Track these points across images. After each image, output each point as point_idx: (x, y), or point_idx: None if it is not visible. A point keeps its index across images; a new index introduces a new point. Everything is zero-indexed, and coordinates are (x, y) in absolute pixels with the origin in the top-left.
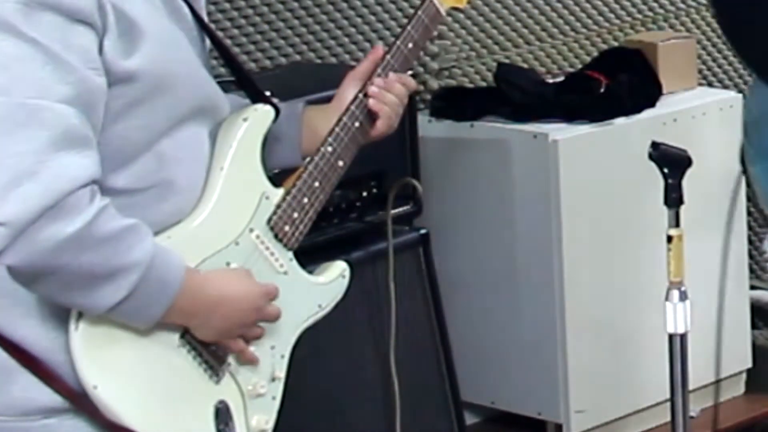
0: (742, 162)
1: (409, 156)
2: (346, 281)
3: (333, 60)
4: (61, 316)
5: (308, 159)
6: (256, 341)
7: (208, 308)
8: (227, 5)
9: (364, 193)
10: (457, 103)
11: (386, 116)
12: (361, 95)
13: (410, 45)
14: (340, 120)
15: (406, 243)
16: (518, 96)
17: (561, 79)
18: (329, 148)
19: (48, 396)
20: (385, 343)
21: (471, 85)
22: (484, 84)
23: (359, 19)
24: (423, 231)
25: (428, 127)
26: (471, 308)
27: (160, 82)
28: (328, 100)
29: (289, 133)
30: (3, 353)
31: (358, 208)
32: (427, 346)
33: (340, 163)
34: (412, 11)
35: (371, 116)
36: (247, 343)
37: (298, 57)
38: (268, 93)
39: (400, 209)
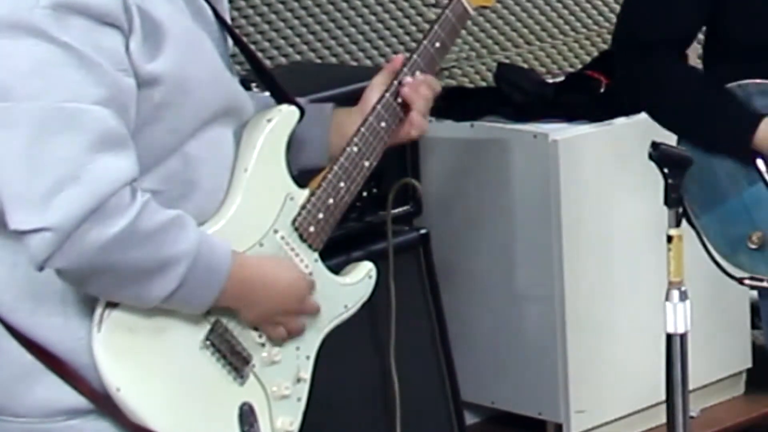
0: (687, 217)
1: (409, 156)
2: (372, 281)
3: (333, 60)
4: (84, 318)
5: (333, 159)
6: (281, 342)
7: (257, 290)
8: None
9: (364, 193)
10: (457, 103)
11: (419, 111)
12: (387, 95)
13: (437, 44)
14: (366, 120)
15: (406, 243)
16: (518, 96)
17: (561, 79)
18: (354, 148)
19: (72, 397)
20: (385, 343)
21: (471, 85)
22: (484, 84)
23: (359, 19)
24: (423, 231)
25: (428, 127)
26: (471, 308)
27: (185, 85)
28: (328, 100)
29: (317, 134)
30: (27, 355)
31: (357, 208)
32: (427, 346)
33: (366, 163)
34: (412, 11)
35: (398, 116)
36: (289, 336)
37: (298, 57)
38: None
39: (400, 209)
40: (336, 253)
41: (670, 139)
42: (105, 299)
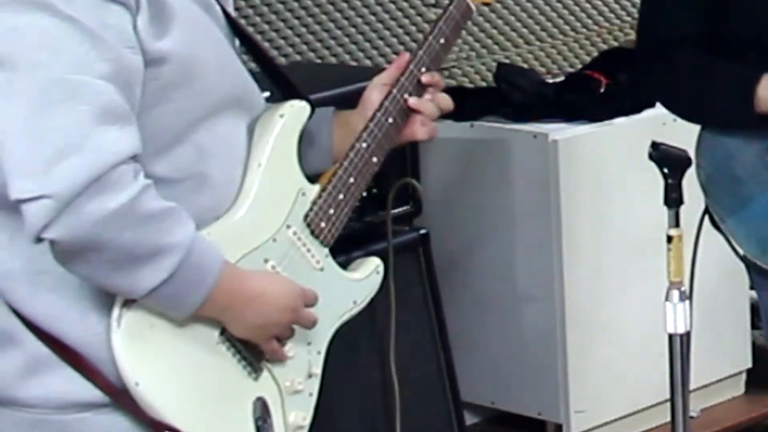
0: (713, 222)
1: (409, 156)
2: (380, 277)
3: (333, 60)
4: (101, 312)
5: (343, 155)
6: (293, 338)
7: (244, 303)
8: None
9: (364, 193)
10: (457, 103)
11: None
12: (394, 90)
13: (442, 41)
14: (374, 115)
15: (406, 243)
16: (518, 96)
17: (561, 79)
18: (363, 144)
19: (85, 390)
20: (385, 343)
21: (471, 85)
22: (484, 84)
23: (359, 19)
24: (423, 231)
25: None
26: (471, 308)
27: (191, 66)
28: (328, 99)
29: (320, 137)
30: (42, 347)
31: (357, 209)
32: (427, 346)
33: (374, 159)
34: (412, 11)
35: (405, 113)
36: (280, 342)
37: (298, 57)
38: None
39: (400, 209)
40: (336, 252)
41: (670, 139)
42: (94, 285)
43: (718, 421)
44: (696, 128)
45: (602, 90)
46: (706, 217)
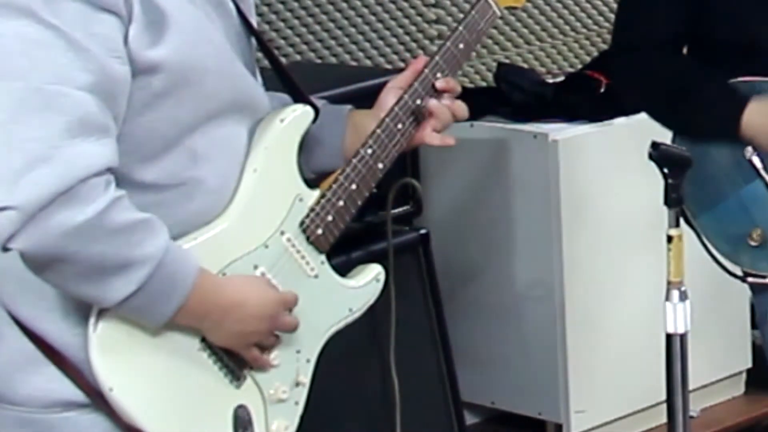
0: (685, 218)
1: (409, 156)
2: (379, 285)
3: (333, 60)
4: (84, 312)
5: (347, 161)
6: (281, 345)
7: (220, 312)
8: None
9: None
10: None
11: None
12: (406, 96)
13: (461, 46)
14: (382, 121)
15: (406, 243)
16: (518, 96)
17: (561, 79)
18: (369, 150)
19: (69, 389)
20: (385, 343)
21: (471, 85)
22: (484, 84)
23: (359, 19)
24: (423, 231)
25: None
26: (471, 308)
27: (187, 74)
28: (327, 100)
29: (332, 135)
30: (28, 344)
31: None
32: (427, 346)
33: (380, 165)
34: (412, 11)
35: (415, 119)
36: (263, 351)
37: (298, 57)
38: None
39: (400, 209)
40: (336, 253)
41: (669, 139)
42: (65, 293)
43: (718, 421)
44: None
45: (602, 90)
46: None
